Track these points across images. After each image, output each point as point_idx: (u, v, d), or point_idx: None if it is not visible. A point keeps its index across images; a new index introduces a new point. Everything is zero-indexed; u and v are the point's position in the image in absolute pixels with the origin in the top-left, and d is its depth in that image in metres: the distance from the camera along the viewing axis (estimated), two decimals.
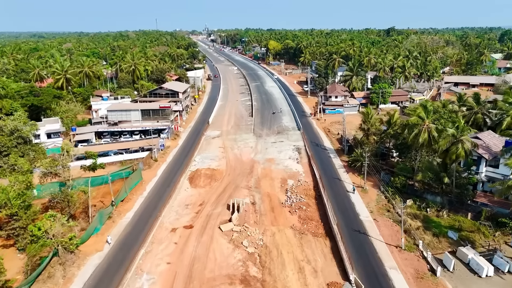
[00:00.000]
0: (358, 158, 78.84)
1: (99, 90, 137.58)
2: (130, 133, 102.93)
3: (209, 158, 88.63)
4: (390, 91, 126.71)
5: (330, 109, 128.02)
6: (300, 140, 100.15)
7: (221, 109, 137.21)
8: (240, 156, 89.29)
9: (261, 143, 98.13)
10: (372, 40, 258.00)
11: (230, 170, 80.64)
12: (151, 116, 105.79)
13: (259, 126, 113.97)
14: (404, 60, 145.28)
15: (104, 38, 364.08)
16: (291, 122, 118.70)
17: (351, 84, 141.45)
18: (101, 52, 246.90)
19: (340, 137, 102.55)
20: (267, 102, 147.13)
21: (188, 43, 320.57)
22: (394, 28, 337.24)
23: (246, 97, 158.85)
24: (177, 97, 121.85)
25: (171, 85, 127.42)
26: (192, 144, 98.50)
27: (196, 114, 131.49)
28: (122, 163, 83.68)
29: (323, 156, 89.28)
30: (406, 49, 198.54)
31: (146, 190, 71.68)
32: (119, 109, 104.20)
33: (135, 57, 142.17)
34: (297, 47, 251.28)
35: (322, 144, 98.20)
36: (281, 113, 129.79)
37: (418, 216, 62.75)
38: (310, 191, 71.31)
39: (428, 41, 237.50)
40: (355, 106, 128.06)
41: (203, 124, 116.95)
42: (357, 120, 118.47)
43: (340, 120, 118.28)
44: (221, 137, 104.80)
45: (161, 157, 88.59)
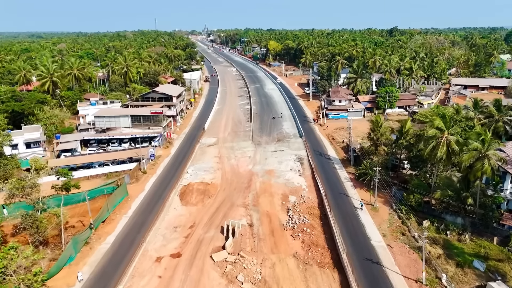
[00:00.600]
0: (367, 171, 71.48)
1: (89, 93, 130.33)
2: (119, 141, 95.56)
3: (203, 169, 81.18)
4: (397, 95, 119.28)
5: (333, 114, 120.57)
6: (302, 149, 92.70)
7: (218, 114, 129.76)
8: (237, 167, 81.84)
9: (260, 152, 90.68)
10: (375, 41, 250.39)
11: (226, 184, 73.16)
12: (141, 122, 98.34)
13: (258, 133, 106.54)
14: (411, 62, 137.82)
15: (101, 39, 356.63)
16: (292, 128, 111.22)
17: (355, 87, 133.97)
18: (96, 53, 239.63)
19: (345, 145, 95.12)
20: (267, 106, 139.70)
21: (186, 43, 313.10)
22: (396, 28, 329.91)
23: (245, 100, 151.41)
24: (171, 101, 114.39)
25: (164, 88, 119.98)
26: (186, 153, 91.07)
27: (192, 119, 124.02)
28: (108, 176, 76.33)
29: (327, 167, 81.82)
30: (411, 50, 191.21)
31: (132, 208, 64.24)
32: (107, 115, 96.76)
33: (127, 58, 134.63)
34: (297, 47, 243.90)
35: (326, 153, 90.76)
36: (282, 118, 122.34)
37: (438, 241, 55.31)
38: (315, 209, 63.84)
39: (433, 42, 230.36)
40: (360, 110, 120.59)
41: (198, 130, 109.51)
42: (363, 126, 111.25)
43: (344, 126, 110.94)
44: (217, 145, 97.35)
45: (151, 169, 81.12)
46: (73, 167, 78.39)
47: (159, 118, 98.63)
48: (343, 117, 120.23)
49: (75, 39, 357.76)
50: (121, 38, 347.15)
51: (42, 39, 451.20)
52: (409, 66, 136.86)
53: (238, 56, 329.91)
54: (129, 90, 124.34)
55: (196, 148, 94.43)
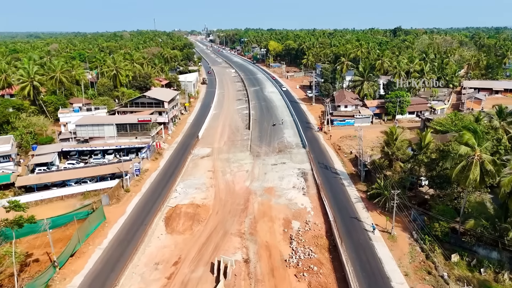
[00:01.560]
0: (381, 191, 62.23)
1: (76, 98, 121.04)
2: (103, 152, 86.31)
3: (194, 186, 71.82)
4: (408, 100, 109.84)
5: (339, 120, 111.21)
6: (306, 162, 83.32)
7: (215, 120, 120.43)
8: (233, 184, 72.47)
9: (259, 165, 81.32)
10: (379, 41, 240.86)
11: (219, 206, 63.81)
12: (128, 131, 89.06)
13: (257, 142, 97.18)
14: (422, 64, 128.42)
15: (97, 39, 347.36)
16: (295, 136, 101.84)
17: (362, 90, 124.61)
18: (89, 53, 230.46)
19: (353, 157, 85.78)
20: (267, 111, 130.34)
21: (184, 43, 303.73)
22: (400, 27, 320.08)
23: (244, 104, 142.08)
24: (162, 107, 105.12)
25: (155, 93, 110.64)
26: (176, 166, 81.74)
27: (185, 125, 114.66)
28: (85, 195, 67.06)
29: (334, 184, 72.50)
30: (419, 50, 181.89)
31: (108, 237, 54.93)
32: (90, 123, 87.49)
33: (116, 60, 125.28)
34: (299, 48, 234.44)
35: (333, 166, 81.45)
36: (283, 124, 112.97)
37: (471, 281, 46.02)
38: (322, 239, 54.48)
39: (440, 42, 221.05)
40: (367, 117, 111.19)
41: (192, 139, 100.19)
42: (371, 133, 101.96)
43: (351, 133, 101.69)
44: (211, 156, 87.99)
45: (135, 185, 71.82)
46: (47, 185, 69.25)
47: (147, 126, 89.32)
48: (350, 124, 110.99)
49: (71, 40, 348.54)
50: (117, 39, 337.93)
51: (39, 39, 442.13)
52: (419, 68, 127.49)
53: (238, 56, 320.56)
54: (117, 94, 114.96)
55: (188, 161, 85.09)
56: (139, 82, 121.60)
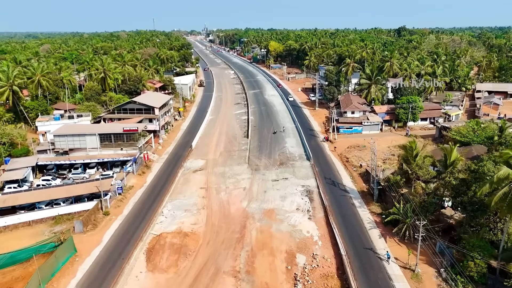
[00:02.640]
0: (399, 216, 53.35)
1: (62, 103, 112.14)
2: (84, 166, 77.43)
3: (183, 208, 62.85)
4: (421, 106, 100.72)
5: (345, 127, 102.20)
6: (311, 177, 74.28)
7: (210, 126, 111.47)
8: (228, 204, 63.49)
9: (258, 182, 72.32)
10: (384, 41, 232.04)
11: (211, 234, 54.82)
12: (112, 142, 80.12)
13: (256, 153, 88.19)
14: (434, 66, 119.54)
15: (93, 39, 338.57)
16: (297, 146, 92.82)
17: (369, 94, 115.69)
18: (82, 54, 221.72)
19: (364, 171, 76.79)
20: (267, 117, 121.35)
21: (182, 44, 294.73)
22: (405, 27, 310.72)
23: (242, 109, 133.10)
24: (153, 114, 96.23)
25: (145, 98, 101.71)
26: (165, 182, 72.80)
27: (179, 133, 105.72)
28: (56, 220, 58.14)
29: (344, 205, 63.55)
30: (427, 51, 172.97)
31: (76, 277, 46.00)
32: (70, 133, 78.53)
33: (105, 62, 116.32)
34: (300, 48, 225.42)
35: (341, 182, 72.49)
36: (284, 132, 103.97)
37: None
38: (333, 279, 45.50)
39: (448, 42, 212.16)
40: (376, 124, 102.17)
41: (184, 149, 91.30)
42: (381, 142, 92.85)
43: (359, 143, 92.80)
44: (205, 170, 79.01)
45: (116, 207, 62.90)
46: (15, 207, 60.36)
47: (134, 136, 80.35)
48: (357, 132, 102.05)
49: (66, 40, 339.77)
50: (114, 39, 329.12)
51: (35, 39, 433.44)
52: (431, 70, 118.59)
53: (237, 57, 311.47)
54: (105, 99, 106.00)
55: (178, 175, 76.09)
56: (128, 86, 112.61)
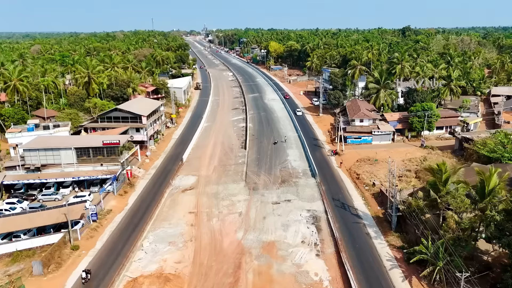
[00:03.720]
0: (427, 255, 43.74)
1: (43, 109, 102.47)
2: (58, 185, 67.84)
3: (167, 240, 53.14)
4: (438, 114, 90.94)
5: (353, 137, 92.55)
6: (317, 199, 64.55)
7: (205, 135, 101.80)
8: (220, 236, 53.78)
9: (256, 204, 62.64)
10: (389, 41, 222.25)
11: (198, 278, 45.03)
12: (91, 156, 70.45)
13: (254, 168, 78.46)
14: (449, 69, 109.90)
15: (88, 39, 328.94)
16: (301, 159, 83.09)
17: (378, 100, 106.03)
18: (74, 55, 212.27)
19: (377, 191, 67.12)
20: (267, 124, 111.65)
21: (179, 44, 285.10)
22: (409, 27, 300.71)
23: (240, 115, 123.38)
24: (140, 122, 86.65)
25: (132, 105, 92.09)
26: (149, 205, 63.16)
27: (170, 142, 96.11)
28: (14, 258, 48.46)
29: (357, 234, 53.96)
30: (437, 52, 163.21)
31: None
32: (43, 146, 68.89)
33: (89, 65, 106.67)
34: (302, 49, 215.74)
35: (352, 204, 62.89)
36: (286, 142, 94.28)
37: None
38: None
39: (457, 42, 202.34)
40: (388, 133, 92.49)
41: (174, 163, 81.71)
42: (394, 155, 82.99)
43: (369, 155, 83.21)
44: (195, 189, 69.27)
45: (88, 239, 53.22)
46: None
47: (115, 150, 70.66)
48: (366, 142, 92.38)
49: (60, 40, 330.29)
50: (109, 39, 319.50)
51: (32, 39, 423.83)
52: (445, 73, 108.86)
53: (236, 58, 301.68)
54: (89, 106, 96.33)
55: (165, 196, 66.41)
56: (114, 91, 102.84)
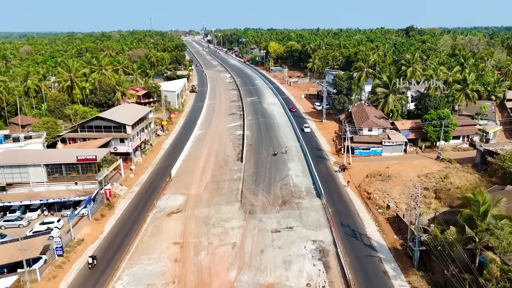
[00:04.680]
0: None
1: (25, 117, 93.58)
2: (25, 208, 58.95)
3: (145, 281, 44.12)
4: (455, 123, 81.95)
5: (361, 148, 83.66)
6: (324, 226, 55.54)
7: (198, 145, 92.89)
8: (209, 276, 44.78)
9: (252, 233, 53.69)
10: (393, 41, 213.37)
11: None
12: (64, 174, 61.52)
13: (251, 185, 69.49)
14: (464, 71, 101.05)
15: (83, 39, 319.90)
16: (304, 175, 74.05)
17: (386, 105, 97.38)
18: (65, 56, 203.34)
19: (393, 215, 58.25)
20: (266, 131, 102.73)
21: (176, 44, 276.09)
22: (413, 27, 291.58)
23: (237, 121, 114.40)
24: (124, 132, 77.71)
25: (116, 112, 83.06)
26: (128, 232, 54.24)
27: (159, 153, 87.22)
28: None
29: (372, 272, 45.15)
30: (447, 54, 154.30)
31: None
32: (8, 163, 59.99)
33: (72, 67, 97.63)
34: (303, 50, 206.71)
35: (364, 231, 54.07)
36: (287, 153, 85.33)
37: None
38: None
39: (465, 43, 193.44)
40: (400, 144, 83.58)
41: (162, 178, 72.86)
42: (408, 169, 74.50)
43: (380, 169, 74.49)
44: (183, 212, 60.32)
45: (50, 280, 44.22)
46: None
47: (92, 167, 61.72)
48: (375, 153, 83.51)
49: (54, 40, 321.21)
50: (105, 39, 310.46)
51: (28, 39, 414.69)
52: (460, 77, 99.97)
53: (235, 58, 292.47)
54: (70, 113, 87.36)
55: (147, 221, 57.46)
56: (98, 97, 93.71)
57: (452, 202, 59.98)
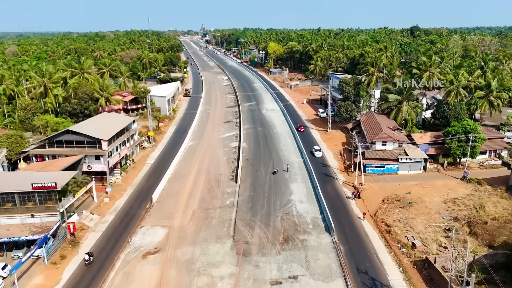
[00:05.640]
0: None
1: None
2: None
3: None
4: (483, 137, 70.80)
5: (374, 165, 72.59)
6: (337, 274, 44.36)
7: (187, 160, 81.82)
8: None
9: (246, 285, 42.60)
10: (399, 42, 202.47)
11: None
12: (17, 204, 50.44)
13: (246, 214, 58.36)
14: (487, 76, 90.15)
15: (75, 39, 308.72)
16: (309, 200, 62.86)
17: (399, 114, 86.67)
18: (52, 57, 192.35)
19: (421, 257, 47.20)
20: (265, 143, 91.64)
21: (171, 45, 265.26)
22: (418, 26, 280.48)
23: (233, 130, 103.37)
24: (100, 148, 66.64)
25: (89, 125, 71.87)
26: (90, 283, 43.15)
27: (142, 171, 76.04)
28: None
29: None
30: (460, 56, 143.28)
31: None
32: None
33: (46, 71, 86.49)
34: (304, 51, 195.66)
35: (387, 282, 43.21)
36: (289, 171, 74.17)
37: None
38: None
39: (476, 43, 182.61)
40: (419, 161, 72.46)
41: (141, 203, 61.87)
42: (431, 193, 63.49)
43: (398, 191, 63.62)
44: (162, 252, 49.17)
45: None
46: None
47: (52, 195, 50.61)
48: (391, 172, 72.47)
49: (45, 40, 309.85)
50: (98, 39, 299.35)
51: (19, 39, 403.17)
52: (483, 82, 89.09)
53: (233, 59, 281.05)
54: (40, 124, 76.11)
55: (116, 267, 46.29)
56: (72, 105, 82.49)
57: (492, 241, 49.13)
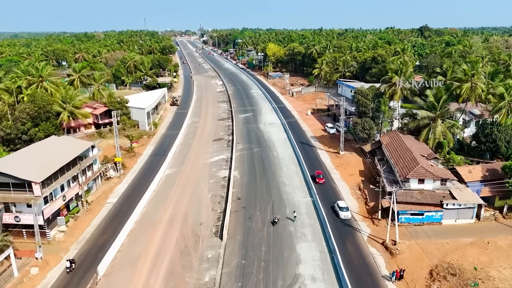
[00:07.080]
0: None
1: None
2: None
3: None
4: None
5: (410, 211, 53.55)
6: None
7: (160, 198, 62.68)
8: None
9: None
10: (412, 43, 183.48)
11: None
12: None
13: None
14: None
15: (62, 40, 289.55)
16: (326, 276, 43.68)
17: (432, 135, 68.04)
18: (30, 59, 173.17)
19: None
20: (262, 172, 72.37)
21: (163, 46, 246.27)
22: (427, 26, 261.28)
23: (223, 152, 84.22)
24: (30, 192, 47.58)
25: (20, 159, 52.50)
26: None
27: (96, 218, 56.80)
28: None
29: None
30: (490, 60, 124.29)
31: None
32: None
33: None
34: (306, 52, 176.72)
35: None
36: (296, 221, 54.92)
37: None
38: None
39: (499, 45, 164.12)
40: (470, 207, 53.38)
41: (80, 283, 42.86)
42: (495, 260, 44.45)
43: (451, 256, 44.53)
44: None
45: None
46: None
47: None
48: (432, 220, 53.42)
49: (37, 40, 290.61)
50: (84, 40, 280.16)
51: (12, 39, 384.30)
52: None
53: (229, 61, 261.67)
54: None
55: None
56: (3, 129, 63.11)
57: None
